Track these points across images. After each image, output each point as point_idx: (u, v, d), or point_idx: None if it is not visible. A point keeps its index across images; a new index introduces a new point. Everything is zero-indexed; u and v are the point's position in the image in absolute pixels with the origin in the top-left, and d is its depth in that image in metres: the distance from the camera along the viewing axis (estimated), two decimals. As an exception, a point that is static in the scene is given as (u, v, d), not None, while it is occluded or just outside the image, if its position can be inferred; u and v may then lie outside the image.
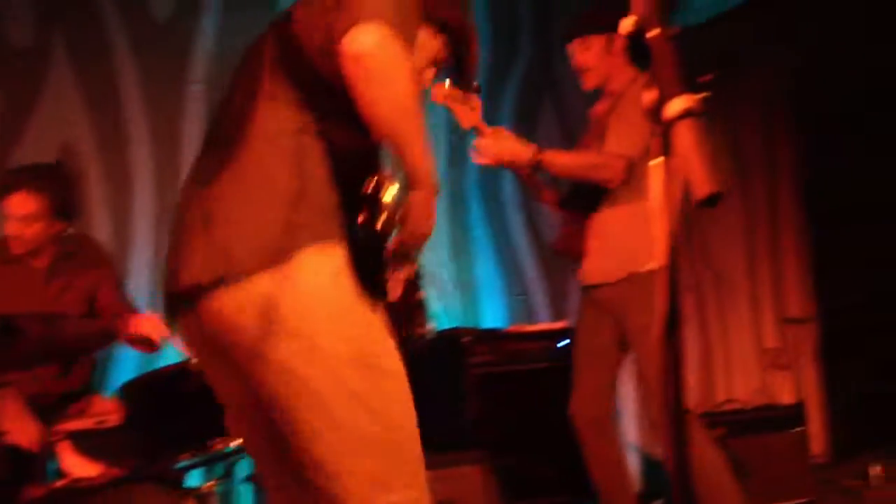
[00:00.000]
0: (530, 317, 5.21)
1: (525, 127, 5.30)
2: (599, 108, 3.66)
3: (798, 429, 5.10)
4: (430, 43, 2.03)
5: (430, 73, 2.11)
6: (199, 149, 1.96)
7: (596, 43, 3.51)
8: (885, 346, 5.50)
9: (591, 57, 3.54)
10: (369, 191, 1.77)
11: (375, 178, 1.79)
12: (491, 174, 5.26)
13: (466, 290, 5.08)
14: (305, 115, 1.80)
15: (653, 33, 1.33)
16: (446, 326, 4.69)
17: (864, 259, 5.61)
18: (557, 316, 5.25)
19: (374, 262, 1.81)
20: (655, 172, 1.35)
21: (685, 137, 1.25)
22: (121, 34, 4.64)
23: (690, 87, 1.33)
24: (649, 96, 1.33)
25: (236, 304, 1.72)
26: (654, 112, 1.32)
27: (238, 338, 1.74)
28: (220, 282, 1.71)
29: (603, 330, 3.55)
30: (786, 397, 5.84)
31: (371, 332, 1.79)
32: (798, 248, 6.02)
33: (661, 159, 1.34)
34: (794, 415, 5.17)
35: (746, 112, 6.02)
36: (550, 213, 3.95)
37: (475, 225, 5.18)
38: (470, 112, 3.42)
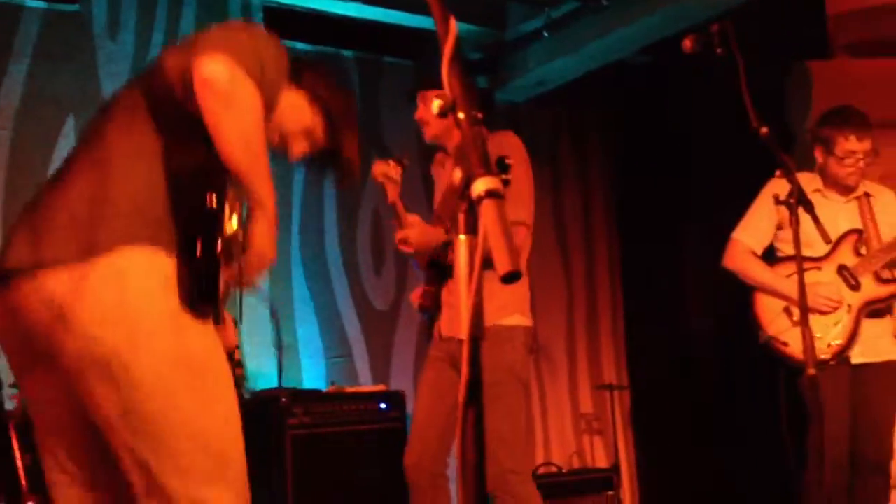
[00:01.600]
0: (352, 378, 5.17)
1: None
2: (449, 160, 3.69)
3: (611, 492, 5.27)
4: (304, 109, 2.18)
5: (302, 143, 2.20)
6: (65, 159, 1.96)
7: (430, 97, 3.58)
8: (690, 412, 5.76)
9: (427, 112, 3.61)
10: (213, 206, 1.81)
11: (217, 194, 1.82)
12: (314, 235, 5.24)
13: (287, 351, 4.99)
14: (160, 140, 1.85)
15: (461, 115, 1.36)
16: (265, 387, 4.59)
17: (670, 331, 5.91)
18: (379, 378, 5.23)
19: (209, 280, 1.82)
20: (461, 249, 1.38)
21: (487, 217, 1.27)
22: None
23: (498, 167, 1.36)
24: (456, 175, 1.35)
25: (57, 288, 1.73)
26: (460, 191, 1.35)
27: (58, 323, 1.73)
28: (43, 263, 1.74)
29: (450, 389, 3.57)
30: (600, 461, 6.01)
31: (198, 336, 1.81)
32: (613, 321, 6.32)
33: (465, 236, 1.36)
34: (608, 478, 5.33)
35: (569, 192, 6.31)
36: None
37: (297, 285, 5.12)
38: (395, 187, 3.53)
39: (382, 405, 4.48)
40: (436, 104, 1.37)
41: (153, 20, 4.98)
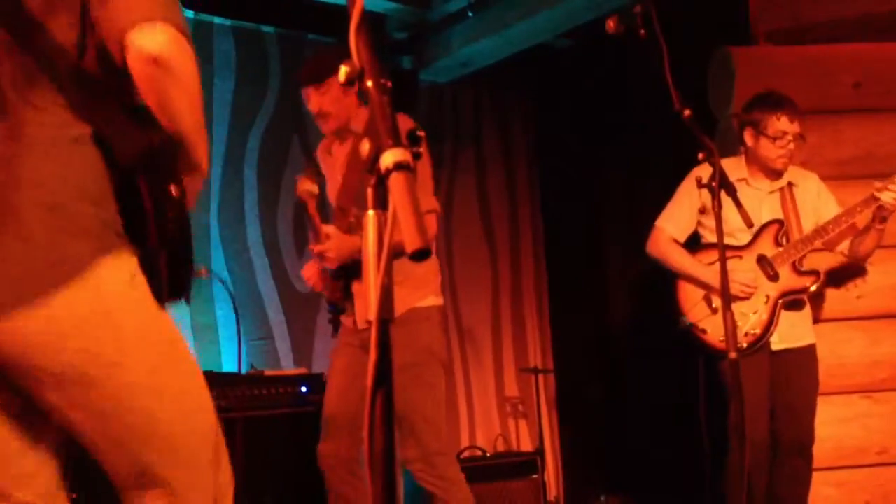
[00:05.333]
0: (273, 362, 5.08)
1: (272, 167, 5.22)
2: (339, 147, 3.60)
3: (535, 475, 5.27)
4: None
5: None
6: None
7: (333, 86, 3.43)
8: (613, 396, 5.80)
9: (329, 101, 3.46)
10: (178, 195, 1.80)
11: (177, 181, 1.81)
12: (234, 214, 5.13)
13: (206, 333, 4.88)
14: (80, 122, 1.73)
15: (369, 83, 1.30)
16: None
17: (594, 315, 5.94)
18: (301, 361, 5.15)
19: (188, 271, 1.88)
20: (369, 225, 1.32)
21: (396, 191, 1.22)
22: None
23: (408, 140, 1.30)
24: (364, 147, 1.29)
25: (40, 324, 1.67)
26: (369, 163, 1.29)
27: (43, 357, 1.69)
28: (16, 303, 1.65)
29: (363, 374, 3.51)
30: (525, 444, 6.02)
31: (166, 324, 1.84)
32: (538, 304, 6.33)
33: (374, 211, 1.30)
34: (533, 461, 5.34)
35: (493, 174, 6.29)
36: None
37: (216, 266, 5.00)
38: (315, 200, 3.44)
39: (303, 388, 4.40)
40: (343, 72, 1.31)
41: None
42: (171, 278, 1.81)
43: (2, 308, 1.65)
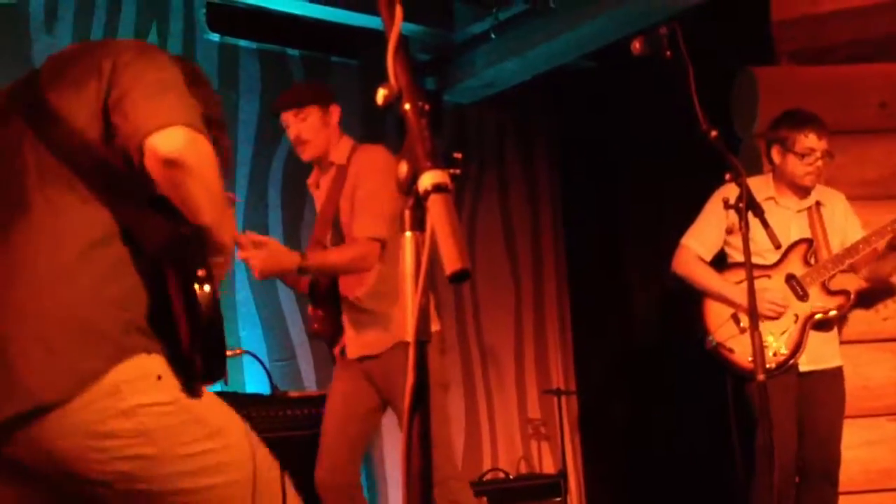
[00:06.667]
0: (296, 382, 5.08)
1: (296, 188, 5.24)
2: (323, 179, 3.65)
3: (558, 498, 5.25)
4: None
5: None
6: None
7: (313, 114, 3.50)
8: (636, 418, 5.77)
9: (307, 128, 3.51)
10: (205, 274, 1.80)
11: (205, 265, 1.81)
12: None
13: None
14: (105, 219, 1.77)
15: (407, 106, 1.30)
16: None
17: (617, 336, 5.91)
18: (323, 382, 5.15)
19: (220, 353, 1.86)
20: (406, 247, 1.32)
21: (435, 212, 1.22)
22: None
23: (445, 162, 1.30)
24: (402, 169, 1.30)
25: (65, 430, 1.68)
26: (406, 185, 1.29)
27: (69, 466, 1.71)
28: (36, 412, 1.66)
29: (364, 398, 3.53)
30: (547, 466, 5.99)
31: (200, 412, 1.83)
32: (561, 326, 6.31)
33: (411, 233, 1.31)
34: (556, 483, 5.32)
35: (516, 194, 6.29)
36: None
37: (239, 287, 5.02)
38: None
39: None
40: (381, 95, 1.31)
41: (92, 13, 4.81)
42: (206, 365, 1.82)
43: (27, 416, 1.67)
